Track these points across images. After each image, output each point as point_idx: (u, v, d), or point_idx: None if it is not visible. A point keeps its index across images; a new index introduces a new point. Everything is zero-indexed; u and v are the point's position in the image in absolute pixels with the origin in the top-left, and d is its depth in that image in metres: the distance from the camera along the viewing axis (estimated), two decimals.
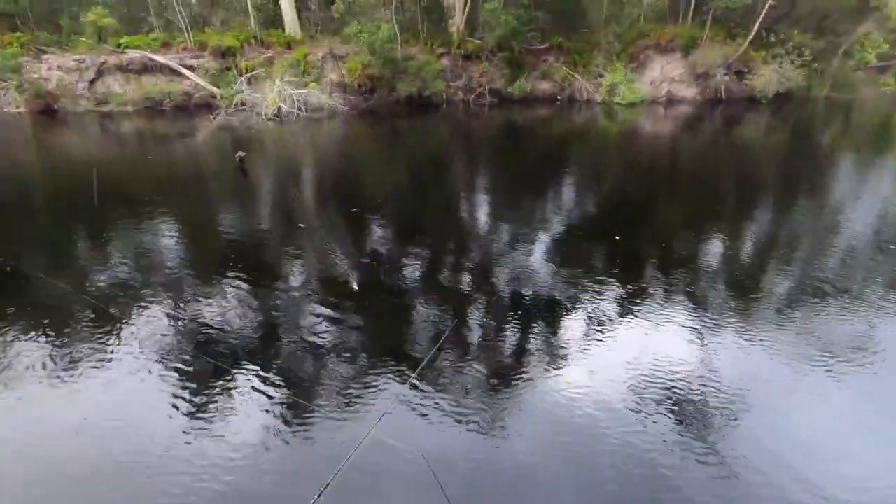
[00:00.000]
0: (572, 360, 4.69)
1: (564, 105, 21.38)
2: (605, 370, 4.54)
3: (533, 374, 4.50)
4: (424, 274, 6.63)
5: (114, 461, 3.60)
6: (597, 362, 4.68)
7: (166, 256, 7.00)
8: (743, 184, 10.58)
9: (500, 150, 14.93)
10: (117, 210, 8.82)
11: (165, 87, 20.41)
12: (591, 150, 14.78)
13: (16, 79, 19.73)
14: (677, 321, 5.29)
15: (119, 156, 14.14)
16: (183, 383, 4.37)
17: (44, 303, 5.74)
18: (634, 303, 5.64)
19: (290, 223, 8.19)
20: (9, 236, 7.88)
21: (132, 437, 3.80)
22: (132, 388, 4.33)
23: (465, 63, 22.14)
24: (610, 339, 5.02)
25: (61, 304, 5.68)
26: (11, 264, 6.66)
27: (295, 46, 22.03)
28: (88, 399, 4.25)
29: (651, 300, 5.71)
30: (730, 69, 19.62)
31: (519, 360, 4.75)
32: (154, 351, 4.81)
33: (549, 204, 9.38)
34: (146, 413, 4.05)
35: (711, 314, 5.41)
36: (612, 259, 6.97)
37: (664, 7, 21.03)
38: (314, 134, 16.75)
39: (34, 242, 7.74)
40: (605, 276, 6.27)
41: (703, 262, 6.81)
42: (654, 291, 5.92)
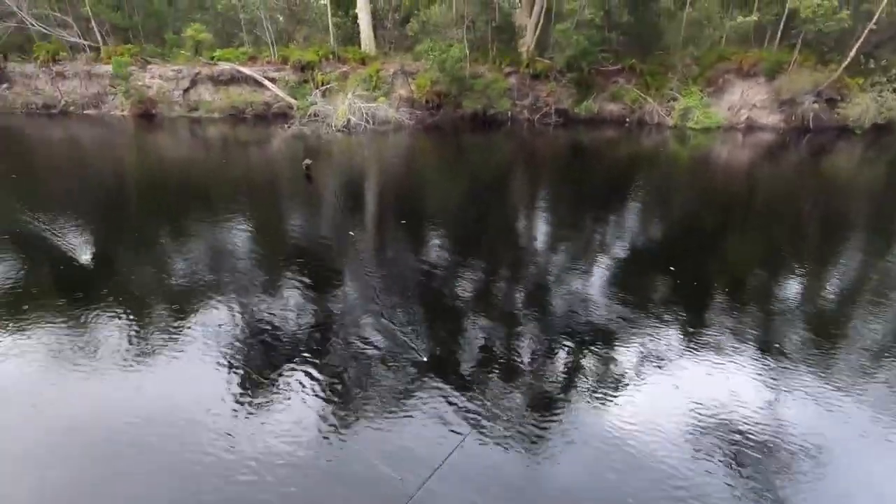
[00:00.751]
0: (626, 392, 4.49)
1: (633, 128, 20.75)
2: (660, 405, 4.31)
3: (582, 403, 4.34)
4: (470, 291, 6.61)
5: (177, 451, 3.76)
6: (652, 396, 4.45)
7: (230, 253, 7.46)
8: (829, 219, 9.73)
9: (563, 170, 14.71)
10: (195, 207, 9.55)
11: (249, 96, 21.93)
12: (659, 174, 14.20)
13: (124, 85, 21.98)
14: (742, 361, 4.92)
15: (201, 158, 15.34)
16: (248, 380, 4.57)
17: (127, 289, 6.28)
18: (695, 337, 5.31)
19: (342, 229, 8.50)
20: (104, 225, 8.72)
21: (195, 428, 3.97)
22: (197, 380, 4.58)
23: (533, 82, 22.11)
24: (666, 373, 4.74)
25: (142, 292, 6.18)
26: (101, 251, 7.36)
27: (369, 62, 22.98)
28: (157, 387, 4.51)
29: (713, 336, 5.35)
30: (820, 96, 18.23)
31: (568, 386, 4.60)
32: (223, 347, 5.09)
33: (610, 228, 9.10)
34: (212, 405, 4.23)
35: (781, 356, 4.98)
36: (671, 290, 6.61)
37: (749, 29, 19.96)
38: (379, 146, 17.32)
39: (125, 232, 8.51)
40: (664, 308, 5.96)
41: (774, 300, 6.30)
42: (716, 327, 5.55)
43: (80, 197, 10.61)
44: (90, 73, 22.59)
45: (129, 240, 8.13)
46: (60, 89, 22.72)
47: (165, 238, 8.43)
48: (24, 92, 22.78)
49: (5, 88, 22.97)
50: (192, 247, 7.79)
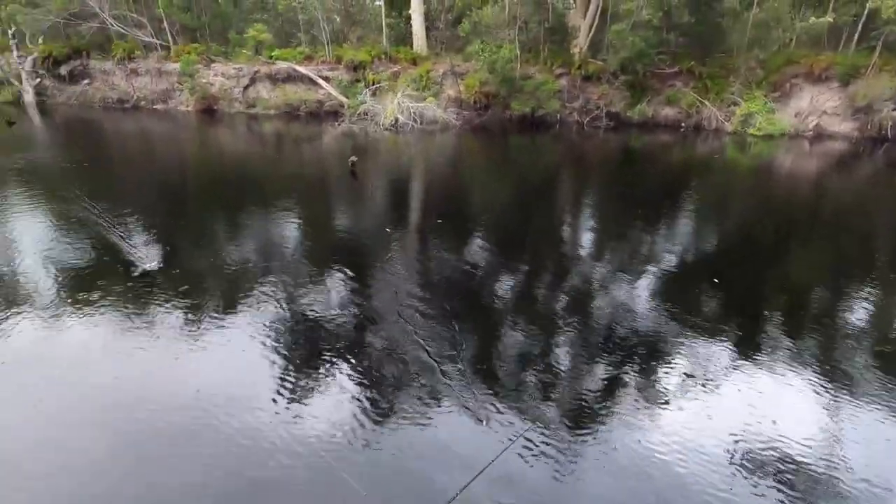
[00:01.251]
0: (669, 410, 4.29)
1: (689, 133, 19.90)
2: (705, 426, 4.09)
3: (621, 418, 4.18)
4: (507, 294, 6.54)
5: (217, 433, 3.87)
6: (697, 416, 4.23)
7: (272, 242, 7.77)
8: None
9: (612, 175, 14.31)
10: (246, 197, 10.01)
11: (303, 94, 22.68)
12: (715, 182, 13.54)
13: (190, 82, 23.28)
14: (798, 385, 4.61)
15: (255, 152, 16.02)
16: (294, 370, 4.70)
17: (177, 274, 6.64)
18: (747, 356, 5.02)
19: (380, 225, 8.64)
20: (161, 212, 9.28)
21: (239, 412, 4.08)
22: (244, 366, 4.76)
23: (584, 84, 21.64)
24: (714, 392, 4.51)
25: (191, 276, 6.52)
26: (156, 237, 7.83)
27: (420, 62, 23.23)
28: (204, 369, 4.71)
29: (767, 356, 5.04)
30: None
31: (608, 400, 4.44)
32: (266, 335, 5.28)
33: (658, 237, 8.75)
34: (258, 391, 4.36)
35: (844, 383, 4.62)
36: (723, 305, 6.28)
37: (822, 31, 18.68)
38: (424, 145, 17.47)
39: (180, 219, 9.03)
40: (714, 323, 5.67)
41: (838, 322, 5.86)
42: (771, 347, 5.22)
43: (142, 184, 11.34)
44: (160, 71, 24.07)
45: (182, 226, 8.60)
46: (133, 85, 24.34)
47: (216, 225, 8.87)
48: (102, 87, 24.57)
49: (86, 84, 24.87)
50: (240, 234, 8.16)
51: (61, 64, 24.59)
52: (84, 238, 7.58)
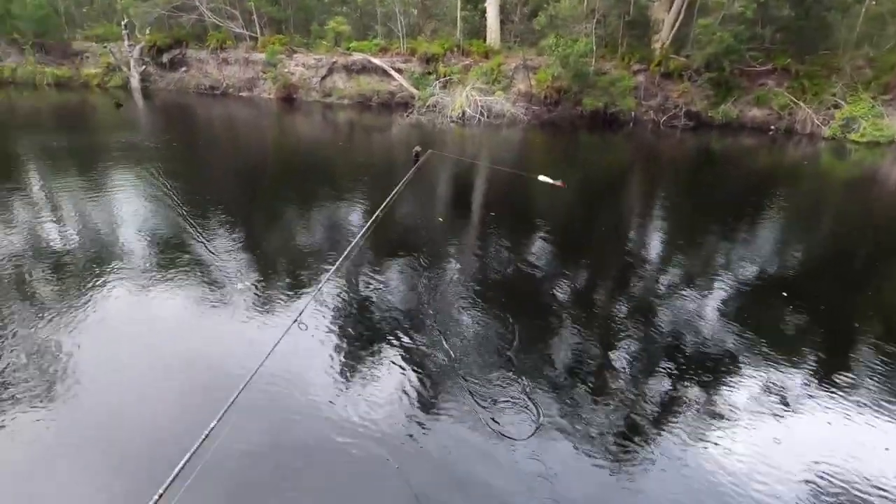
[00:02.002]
0: (729, 430, 4.03)
1: (779, 137, 18.35)
2: (768, 451, 3.81)
3: (677, 435, 3.97)
4: (560, 294, 6.41)
5: (279, 407, 4.07)
6: (760, 439, 3.94)
7: (330, 224, 8.12)
8: None
9: (686, 178, 13.53)
10: (313, 180, 10.54)
11: (376, 85, 23.32)
12: (805, 191, 12.40)
13: (273, 71, 24.66)
14: (880, 415, 4.17)
15: (327, 139, 16.75)
16: (351, 348, 4.89)
17: (264, 252, 7.13)
18: (823, 380, 4.62)
19: (433, 215, 8.68)
20: (234, 191, 9.97)
21: (300, 388, 4.28)
22: (302, 343, 4.91)
23: (663, 81, 20.54)
24: (781, 415, 4.20)
25: (269, 258, 6.98)
26: (227, 214, 8.43)
27: (492, 56, 23.09)
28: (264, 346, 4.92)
29: (846, 381, 4.62)
30: None
31: (664, 414, 4.22)
32: (326, 315, 5.54)
33: (733, 247, 8.17)
34: (316, 369, 4.53)
35: None
36: (801, 324, 5.80)
37: None
38: (490, 138, 17.40)
39: (252, 198, 9.66)
40: (789, 343, 5.26)
41: None
42: (852, 372, 4.78)
43: (219, 166, 12.22)
44: (247, 60, 25.67)
45: (247, 206, 9.18)
46: (223, 73, 26.14)
47: (281, 207, 9.36)
48: (196, 74, 26.61)
49: (183, 71, 27.04)
50: (302, 218, 8.60)
51: (163, 52, 26.90)
52: (156, 216, 8.32)
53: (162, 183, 9.76)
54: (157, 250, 6.91)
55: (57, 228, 7.57)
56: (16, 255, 6.53)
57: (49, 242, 7.03)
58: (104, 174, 10.59)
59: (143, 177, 10.22)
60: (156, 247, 7.01)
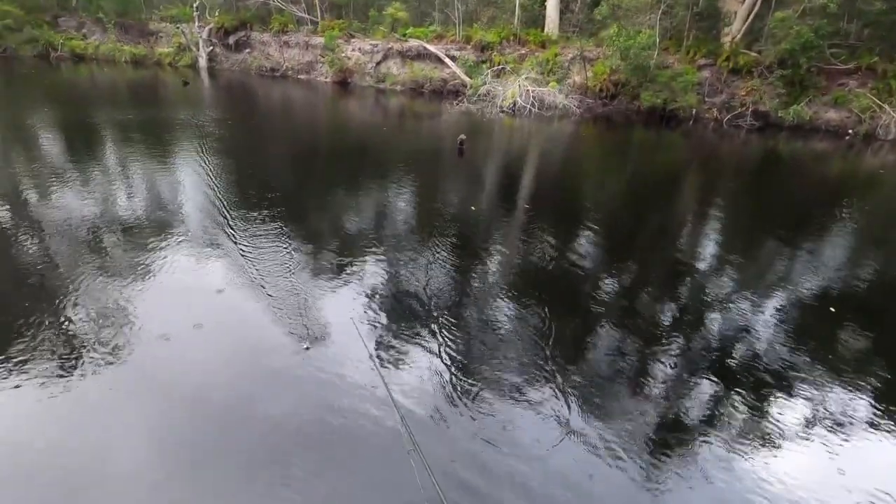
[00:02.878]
0: (772, 452, 3.82)
1: (857, 141, 16.90)
2: (814, 481, 3.59)
3: (716, 451, 3.82)
4: (595, 296, 6.24)
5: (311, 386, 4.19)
6: (806, 466, 3.72)
7: (372, 210, 8.24)
8: None
9: (748, 182, 12.73)
10: (356, 162, 10.76)
11: (429, 72, 23.35)
12: (879, 203, 11.39)
13: (331, 56, 25.21)
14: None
15: (377, 123, 16.99)
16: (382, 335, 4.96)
17: (302, 233, 7.38)
18: (884, 408, 4.27)
19: (467, 203, 8.64)
20: (285, 175, 10.32)
21: (335, 367, 4.40)
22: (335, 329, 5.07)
23: (731, 78, 19.36)
24: (829, 442, 3.93)
25: (310, 238, 7.21)
26: (268, 193, 8.73)
27: (549, 46, 22.57)
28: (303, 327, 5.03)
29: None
30: None
31: (704, 428, 4.05)
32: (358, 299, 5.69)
33: (792, 257, 7.62)
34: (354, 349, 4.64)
35: None
36: (862, 345, 5.35)
37: None
38: (540, 130, 17.05)
39: (300, 181, 9.97)
40: (845, 364, 4.88)
41: None
42: None
43: (266, 143, 12.67)
44: (307, 44, 26.36)
45: (289, 188, 9.47)
46: (284, 56, 26.98)
47: (324, 188, 9.61)
48: (259, 56, 27.60)
49: (247, 53, 28.12)
50: (342, 198, 8.79)
51: (230, 34, 28.06)
52: (196, 191, 8.75)
53: (203, 160, 10.21)
54: (180, 227, 7.27)
55: (100, 199, 8.11)
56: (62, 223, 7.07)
57: (90, 213, 7.53)
58: (158, 149, 11.19)
59: (188, 153, 10.69)
60: (178, 224, 7.38)
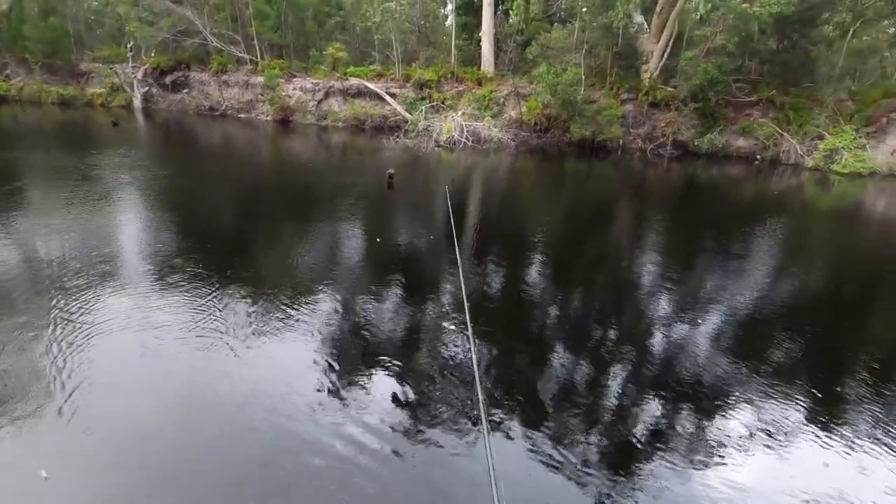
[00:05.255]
0: (719, 465, 3.96)
1: (764, 166, 18.48)
2: (760, 489, 3.74)
3: (665, 467, 3.91)
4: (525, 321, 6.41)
5: (262, 426, 3.99)
6: (751, 476, 3.86)
7: (281, 240, 8.17)
8: None
9: (674, 207, 13.55)
10: (287, 200, 10.67)
11: (370, 109, 23.81)
12: (788, 223, 12.30)
13: (271, 94, 25.28)
14: (877, 456, 4.10)
15: (312, 159, 17.02)
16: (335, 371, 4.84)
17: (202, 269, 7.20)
18: (817, 417, 4.52)
19: (380, 235, 8.82)
20: (203, 211, 10.11)
21: (285, 407, 4.22)
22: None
23: (651, 111, 20.88)
24: (772, 452, 4.11)
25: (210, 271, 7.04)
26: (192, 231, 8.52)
27: (485, 83, 23.63)
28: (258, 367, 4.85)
29: (842, 418, 4.50)
30: None
31: (652, 445, 4.15)
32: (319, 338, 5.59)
33: (720, 276, 8.07)
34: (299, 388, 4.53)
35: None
36: (790, 357, 5.68)
37: None
38: (474, 163, 17.59)
39: (217, 215, 9.78)
40: (778, 377, 5.13)
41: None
42: (849, 410, 4.66)
43: (189, 182, 12.41)
44: (248, 83, 26.37)
45: (204, 222, 9.31)
46: (224, 95, 26.82)
47: (247, 222, 9.50)
48: (198, 96, 27.31)
49: (185, 93, 27.74)
50: (262, 234, 8.69)
51: (166, 74, 27.69)
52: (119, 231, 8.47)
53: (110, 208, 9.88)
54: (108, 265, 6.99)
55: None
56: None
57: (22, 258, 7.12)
58: (67, 190, 10.70)
59: (87, 198, 10.24)
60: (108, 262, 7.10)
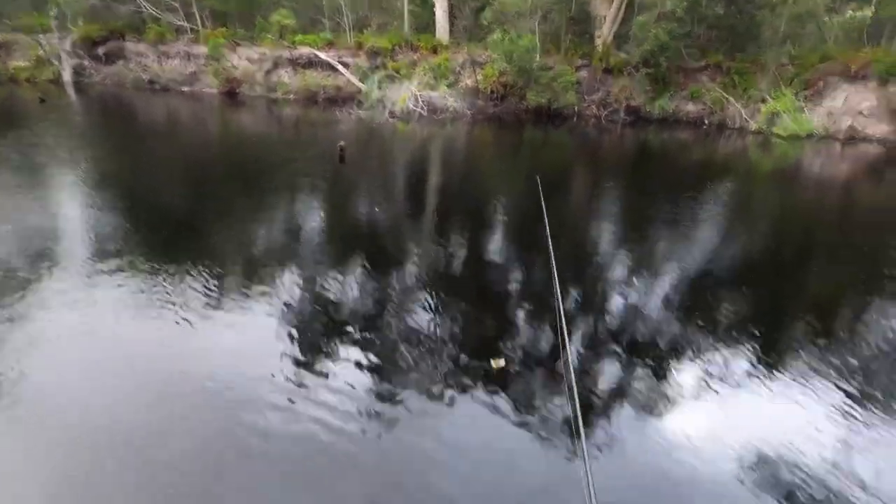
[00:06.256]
0: (675, 414, 4.20)
1: (711, 130, 19.08)
2: (712, 431, 4.00)
3: (626, 419, 4.10)
4: (476, 285, 6.47)
5: (220, 411, 3.90)
6: (704, 421, 4.14)
7: (224, 213, 7.94)
8: None
9: (622, 171, 13.84)
10: (235, 174, 10.28)
11: (322, 80, 22.93)
12: (734, 184, 12.67)
13: (215, 65, 23.93)
14: (817, 400, 4.40)
15: (263, 134, 16.37)
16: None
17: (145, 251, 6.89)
18: (761, 368, 4.80)
19: (325, 208, 8.67)
20: (148, 185, 9.63)
21: (244, 389, 4.13)
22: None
23: (605, 77, 21.03)
24: (723, 400, 4.38)
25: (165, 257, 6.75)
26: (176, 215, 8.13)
27: (440, 51, 23.08)
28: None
29: (782, 369, 4.80)
30: None
31: (612, 399, 4.34)
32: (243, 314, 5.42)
33: (665, 242, 8.35)
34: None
35: (868, 403, 4.39)
36: (736, 314, 5.97)
37: (862, 27, 17.49)
38: (429, 133, 17.36)
39: (160, 194, 9.34)
40: (727, 332, 5.41)
41: (856, 336, 5.55)
42: (786, 360, 4.98)
43: (141, 161, 11.77)
44: (189, 54, 24.80)
45: (159, 211, 8.90)
46: (164, 67, 25.17)
47: (195, 198, 9.12)
48: (135, 68, 25.49)
49: (121, 65, 25.87)
50: (212, 209, 8.40)
51: (99, 45, 25.67)
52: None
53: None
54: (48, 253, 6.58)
55: None
56: None
57: None
58: None
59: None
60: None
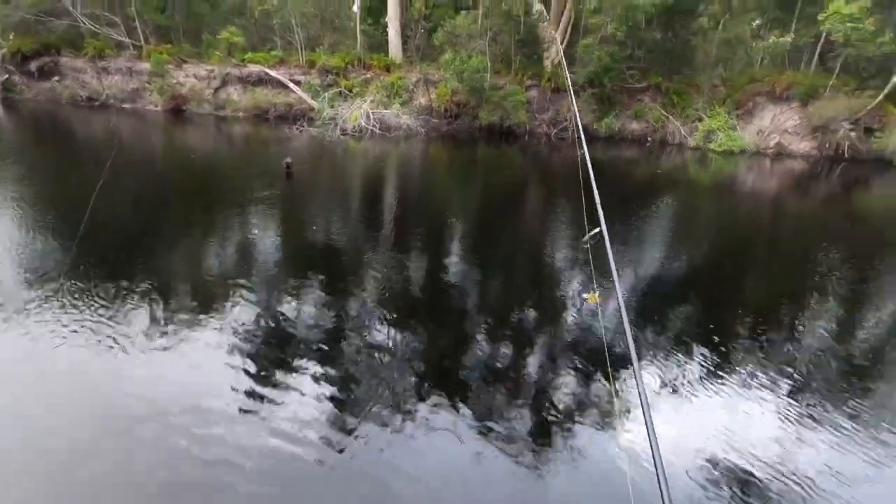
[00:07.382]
0: (635, 420, 4.40)
1: (654, 147, 20.02)
2: (670, 434, 4.20)
3: (589, 427, 4.25)
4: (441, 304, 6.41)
5: (174, 435, 3.86)
6: (662, 425, 4.28)
7: (170, 235, 7.60)
8: (855, 262, 8.77)
9: (572, 187, 14.20)
10: (179, 193, 9.86)
11: (273, 98, 22.56)
12: (674, 198, 13.25)
13: (159, 82, 23.11)
14: (761, 398, 4.71)
15: (208, 152, 15.87)
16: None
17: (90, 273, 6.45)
18: (710, 371, 5.07)
19: (269, 225, 8.52)
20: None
21: (199, 413, 4.10)
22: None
23: (554, 96, 21.74)
24: (679, 404, 4.62)
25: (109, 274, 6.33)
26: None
27: (393, 70, 23.24)
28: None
29: (729, 370, 5.10)
30: (857, 124, 17.04)
31: (574, 409, 4.48)
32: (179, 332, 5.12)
33: (631, 244, 8.72)
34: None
35: (807, 399, 4.75)
36: (685, 321, 6.23)
37: (783, 52, 18.96)
38: (380, 151, 17.36)
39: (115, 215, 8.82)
40: (678, 339, 5.69)
41: (793, 340, 5.90)
42: (732, 362, 5.29)
43: (71, 180, 11.13)
44: (131, 70, 23.86)
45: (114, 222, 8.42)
46: (104, 83, 24.09)
47: (132, 220, 8.68)
48: (72, 84, 24.24)
49: (56, 81, 24.56)
50: (154, 226, 8.01)
51: (31, 60, 24.30)
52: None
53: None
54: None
55: None
56: None
57: None
58: None
59: None
60: None
